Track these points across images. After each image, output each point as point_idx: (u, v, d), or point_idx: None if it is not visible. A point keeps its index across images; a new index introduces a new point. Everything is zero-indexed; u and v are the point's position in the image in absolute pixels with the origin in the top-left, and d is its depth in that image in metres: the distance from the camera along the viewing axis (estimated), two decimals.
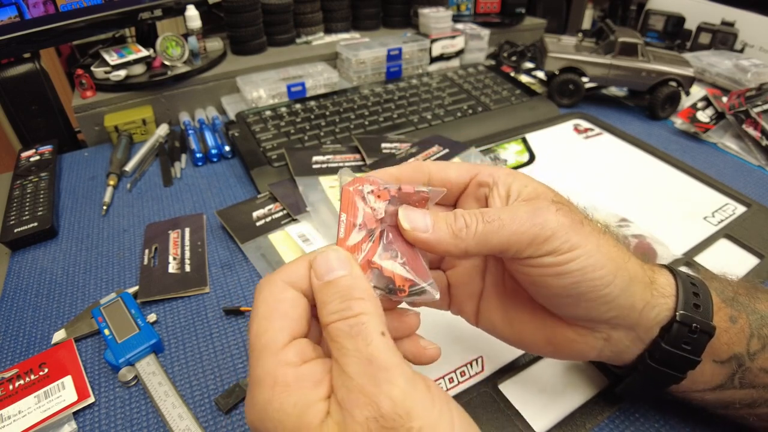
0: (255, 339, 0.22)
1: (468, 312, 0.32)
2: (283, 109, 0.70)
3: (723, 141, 0.67)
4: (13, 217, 0.52)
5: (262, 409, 0.21)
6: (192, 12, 0.73)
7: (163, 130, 0.69)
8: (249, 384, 0.22)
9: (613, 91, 0.82)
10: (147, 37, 0.76)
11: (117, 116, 0.69)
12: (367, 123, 0.68)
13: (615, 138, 0.68)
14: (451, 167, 0.29)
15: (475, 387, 0.35)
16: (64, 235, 0.52)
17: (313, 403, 0.20)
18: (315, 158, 0.59)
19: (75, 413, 0.35)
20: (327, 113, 0.69)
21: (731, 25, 0.91)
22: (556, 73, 0.76)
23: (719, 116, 0.69)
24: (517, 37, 1.01)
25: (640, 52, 0.72)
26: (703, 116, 0.69)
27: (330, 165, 0.58)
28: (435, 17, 0.87)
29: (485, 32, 0.91)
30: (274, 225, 0.51)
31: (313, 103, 0.72)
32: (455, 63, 0.91)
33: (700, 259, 0.47)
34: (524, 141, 0.67)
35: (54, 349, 0.39)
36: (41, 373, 0.37)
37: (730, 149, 0.66)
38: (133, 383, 0.37)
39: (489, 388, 0.35)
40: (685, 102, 0.75)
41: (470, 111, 0.71)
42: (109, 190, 0.58)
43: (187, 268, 0.46)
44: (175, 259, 0.47)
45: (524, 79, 0.86)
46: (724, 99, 0.70)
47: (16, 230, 0.50)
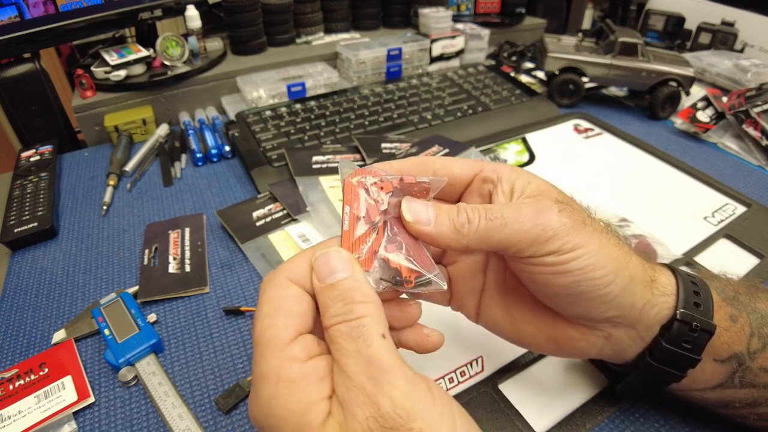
0: (259, 335, 0.22)
1: (468, 308, 0.32)
2: (283, 109, 0.70)
3: (723, 141, 0.67)
4: (13, 217, 0.52)
5: (266, 405, 0.20)
6: (192, 12, 0.73)
7: (163, 130, 0.69)
8: (253, 380, 0.22)
9: (613, 91, 0.82)
10: (147, 37, 0.76)
11: (117, 116, 0.69)
12: (367, 123, 0.68)
13: (615, 138, 0.68)
14: (455, 163, 0.29)
15: (475, 387, 0.35)
16: (64, 235, 0.52)
17: (316, 401, 0.20)
18: (315, 158, 0.59)
19: (75, 413, 0.35)
20: (327, 113, 0.69)
21: (731, 25, 0.91)
22: (556, 73, 0.76)
23: (719, 116, 0.69)
24: (517, 37, 1.01)
25: (640, 52, 0.72)
26: (703, 116, 0.69)
27: (330, 165, 0.58)
28: (435, 17, 0.87)
29: (485, 32, 0.91)
30: (274, 225, 0.51)
31: (313, 103, 0.72)
32: (455, 63, 0.91)
33: (700, 259, 0.47)
34: (524, 141, 0.67)
35: (54, 349, 0.39)
36: (41, 373, 0.37)
37: (730, 149, 0.66)
38: (133, 383, 0.37)
39: (489, 388, 0.35)
40: (685, 102, 0.75)
41: (470, 111, 0.71)
42: (109, 190, 0.58)
43: (187, 268, 0.46)
44: (175, 259, 0.47)
45: (524, 79, 0.86)
46: (724, 99, 0.70)
47: (16, 230, 0.50)
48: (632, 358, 0.29)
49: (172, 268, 0.46)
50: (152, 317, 0.41)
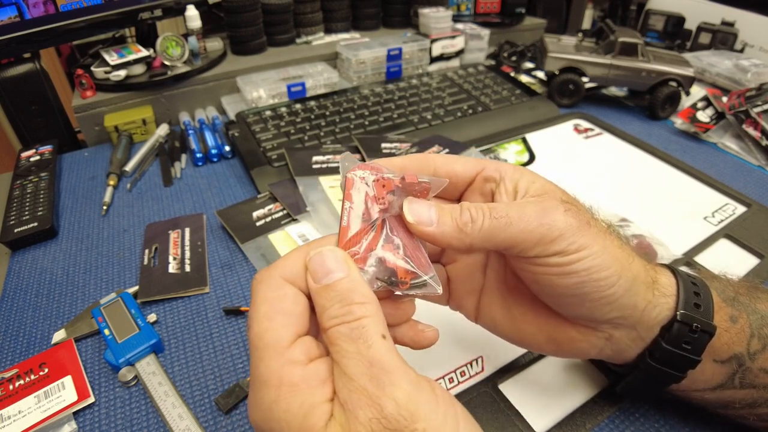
0: (257, 338, 0.22)
1: (468, 308, 0.32)
2: (283, 109, 0.70)
3: (723, 141, 0.67)
4: (13, 217, 0.52)
5: (268, 410, 0.20)
6: (192, 12, 0.73)
7: (163, 130, 0.69)
8: (252, 384, 0.22)
9: (613, 91, 0.82)
10: (147, 37, 0.76)
11: (117, 116, 0.69)
12: (367, 123, 0.68)
13: (615, 138, 0.68)
14: (457, 161, 0.29)
15: (475, 387, 0.35)
16: (64, 235, 0.52)
17: (318, 404, 0.20)
18: (315, 158, 0.59)
19: (75, 413, 0.35)
20: (327, 113, 0.69)
21: (731, 25, 0.91)
22: (556, 73, 0.76)
23: (719, 116, 0.69)
24: (517, 37, 1.01)
25: (640, 52, 0.72)
26: (703, 116, 0.69)
27: (330, 165, 0.58)
28: (435, 17, 0.87)
29: (485, 32, 0.91)
30: (274, 225, 0.51)
31: (313, 103, 0.72)
32: (455, 63, 0.91)
33: (700, 259, 0.47)
34: (524, 141, 0.67)
35: (54, 349, 0.39)
36: (41, 373, 0.37)
37: (730, 149, 0.66)
38: (133, 383, 0.37)
39: (489, 388, 0.35)
40: (685, 102, 0.75)
41: (470, 111, 0.71)
42: (109, 190, 0.58)
43: (187, 268, 0.46)
44: (175, 259, 0.47)
45: (524, 79, 0.86)
46: (724, 99, 0.70)
47: (16, 230, 0.50)
48: (632, 359, 0.29)
49: (172, 268, 0.46)
50: (152, 317, 0.41)
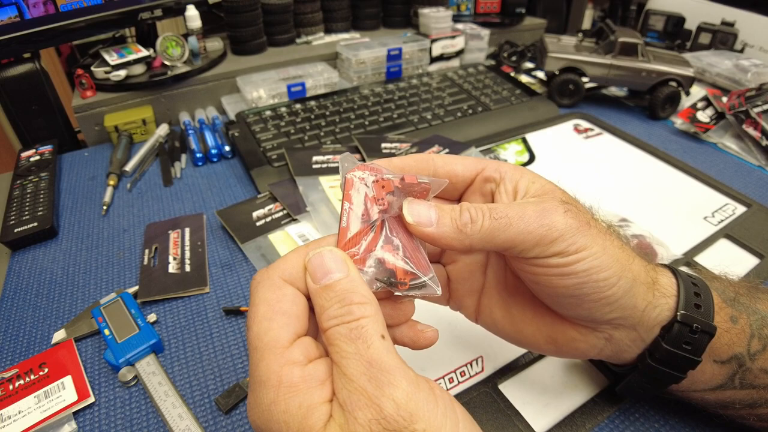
0: (256, 339, 0.22)
1: (468, 308, 0.32)
2: (283, 109, 0.70)
3: (723, 141, 0.67)
4: (13, 217, 0.52)
5: (267, 410, 0.20)
6: (192, 12, 0.73)
7: (163, 130, 0.69)
8: (251, 384, 0.22)
9: (613, 91, 0.82)
10: (147, 37, 0.76)
11: (117, 116, 0.69)
12: (367, 123, 0.68)
13: (615, 138, 0.68)
14: (457, 161, 0.29)
15: (475, 387, 0.35)
16: (64, 235, 0.52)
17: (317, 405, 0.20)
18: (315, 158, 0.59)
19: (75, 413, 0.35)
20: (327, 113, 0.69)
21: (731, 25, 0.91)
22: (556, 73, 0.76)
23: (719, 116, 0.69)
24: (517, 37, 1.01)
25: (640, 52, 0.72)
26: (703, 116, 0.69)
27: (330, 165, 0.58)
28: (435, 17, 0.87)
29: (485, 32, 0.91)
30: (274, 225, 0.51)
31: (313, 103, 0.72)
32: (455, 63, 0.91)
33: (700, 259, 0.47)
34: (524, 141, 0.67)
35: (54, 349, 0.39)
36: (41, 373, 0.37)
37: (730, 149, 0.66)
38: (133, 383, 0.37)
39: (489, 388, 0.35)
40: (685, 102, 0.75)
41: (470, 111, 0.71)
42: (109, 190, 0.58)
43: (187, 268, 0.46)
44: (175, 259, 0.47)
45: (524, 79, 0.86)
46: (724, 99, 0.70)
47: (16, 230, 0.50)
48: (632, 359, 0.29)
49: (172, 268, 0.46)
50: (152, 317, 0.41)
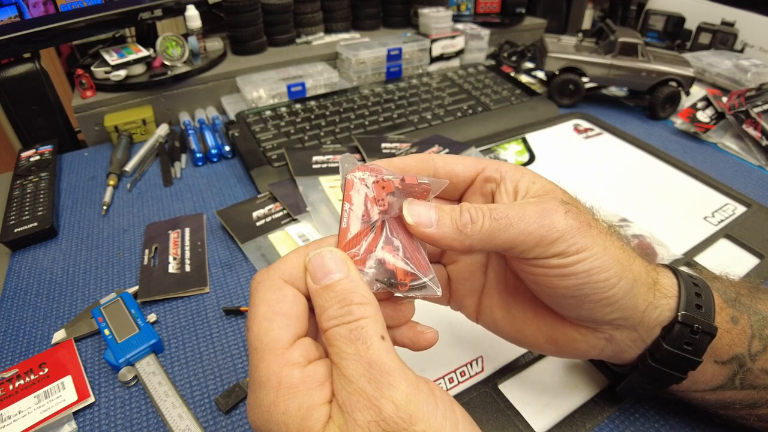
0: (256, 339, 0.22)
1: (468, 308, 0.32)
2: (283, 109, 0.70)
3: (723, 141, 0.67)
4: (13, 217, 0.52)
5: (267, 411, 0.20)
6: (192, 12, 0.73)
7: (163, 130, 0.69)
8: (251, 385, 0.22)
9: (613, 91, 0.82)
10: (147, 37, 0.76)
11: (117, 116, 0.69)
12: (367, 123, 0.68)
13: (615, 138, 0.68)
14: (457, 161, 0.29)
15: (475, 387, 0.35)
16: (64, 235, 0.52)
17: (316, 406, 0.20)
18: (315, 158, 0.59)
19: (75, 413, 0.35)
20: (327, 113, 0.69)
21: (731, 25, 0.91)
22: (556, 73, 0.76)
23: (719, 116, 0.69)
24: (517, 37, 1.01)
25: (640, 52, 0.71)
26: (703, 116, 0.69)
27: (330, 165, 0.58)
28: (435, 17, 0.87)
29: (485, 32, 0.91)
30: (274, 225, 0.51)
31: (313, 103, 0.72)
32: (455, 63, 0.91)
33: (700, 259, 0.47)
34: (524, 141, 0.67)
35: (54, 349, 0.39)
36: (41, 373, 0.37)
37: (730, 149, 0.66)
38: (133, 383, 0.37)
39: (489, 388, 0.35)
40: (685, 102, 0.75)
41: (470, 111, 0.71)
42: (109, 190, 0.58)
43: (187, 268, 0.46)
44: (175, 259, 0.47)
45: (524, 79, 0.86)
46: (724, 99, 0.70)
47: (16, 230, 0.50)
48: (633, 359, 0.29)
49: (172, 268, 0.46)
50: (152, 317, 0.41)
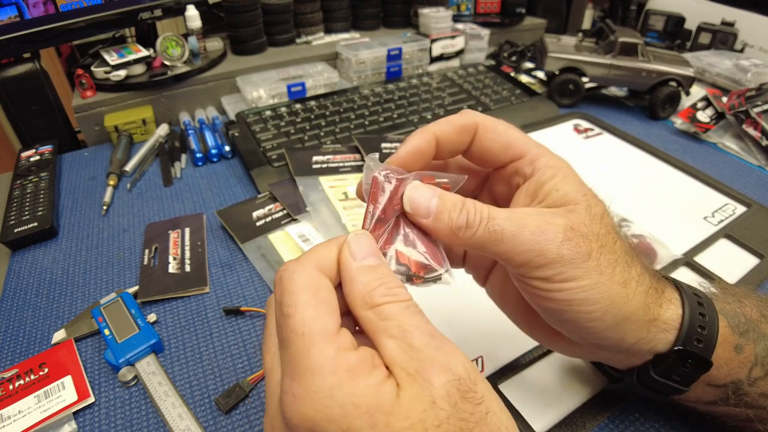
0: (302, 325, 0.20)
1: (478, 278, 0.32)
2: (283, 109, 0.70)
3: (723, 141, 0.67)
4: (13, 217, 0.52)
5: (327, 396, 0.19)
6: (192, 12, 0.73)
7: (163, 130, 0.69)
8: (293, 375, 0.20)
9: (613, 91, 0.82)
10: (147, 37, 0.76)
11: (117, 116, 0.69)
12: (367, 123, 0.68)
13: (615, 138, 0.68)
14: (497, 138, 0.27)
15: None
16: (64, 235, 0.52)
17: (382, 381, 0.20)
18: (315, 158, 0.59)
19: (75, 413, 0.35)
20: (327, 113, 0.69)
21: (731, 25, 0.91)
22: (556, 73, 0.76)
23: (719, 116, 0.69)
24: (517, 37, 1.01)
25: (640, 52, 0.71)
26: (703, 116, 0.69)
27: (330, 165, 0.58)
28: (435, 17, 0.87)
29: (485, 32, 0.91)
30: (274, 225, 0.51)
31: (313, 103, 0.72)
32: (455, 63, 0.91)
33: (700, 259, 0.47)
34: None
35: (54, 349, 0.39)
36: (41, 373, 0.37)
37: (730, 149, 0.66)
38: (133, 383, 0.37)
39: None
40: (685, 102, 0.75)
41: None
42: (109, 190, 0.58)
43: (187, 268, 0.46)
44: (175, 259, 0.47)
45: (524, 79, 0.86)
46: (724, 99, 0.70)
47: (16, 230, 0.50)
48: (623, 368, 0.29)
49: (172, 268, 0.46)
50: (152, 317, 0.41)
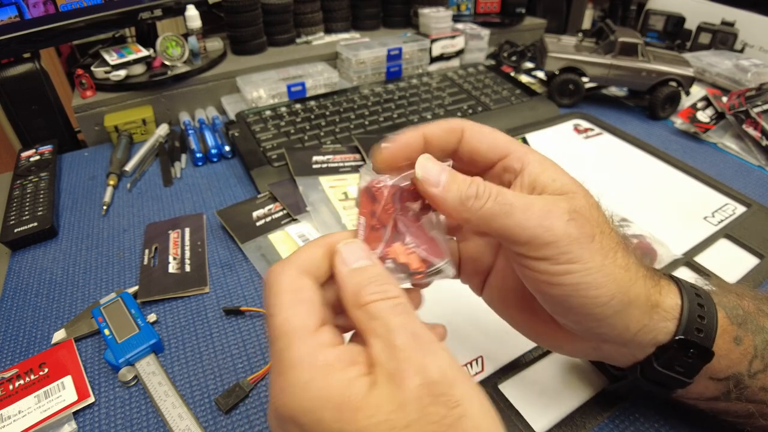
0: (283, 324, 0.21)
1: (475, 285, 0.32)
2: (283, 109, 0.70)
3: (723, 141, 0.67)
4: (13, 217, 0.52)
5: (303, 389, 0.20)
6: (192, 12, 0.73)
7: (163, 130, 0.69)
8: (278, 370, 0.21)
9: (613, 91, 0.82)
10: (147, 37, 0.76)
11: (117, 116, 0.69)
12: (367, 123, 0.68)
13: (615, 138, 0.68)
14: (484, 138, 0.27)
15: None
16: (64, 235, 0.52)
17: (355, 377, 0.20)
18: (315, 158, 0.59)
19: (75, 413, 0.35)
20: (327, 113, 0.69)
21: (731, 25, 0.91)
22: (556, 73, 0.76)
23: (719, 116, 0.69)
24: (517, 37, 1.01)
25: (640, 52, 0.71)
26: (703, 116, 0.69)
27: (330, 165, 0.58)
28: (435, 17, 0.87)
29: (485, 32, 0.91)
30: (274, 225, 0.51)
31: (313, 103, 0.72)
32: (455, 63, 0.91)
33: (700, 259, 0.47)
34: (524, 141, 0.67)
35: (54, 349, 0.39)
36: (41, 373, 0.37)
37: (730, 149, 0.66)
38: (133, 383, 0.37)
39: (489, 388, 0.35)
40: (685, 102, 0.75)
41: (470, 111, 0.71)
42: (109, 190, 0.58)
43: (187, 268, 0.46)
44: (175, 259, 0.47)
45: (524, 79, 0.86)
46: (724, 99, 0.70)
47: (16, 230, 0.50)
48: (626, 366, 0.29)
49: (172, 268, 0.46)
50: (152, 317, 0.41)
